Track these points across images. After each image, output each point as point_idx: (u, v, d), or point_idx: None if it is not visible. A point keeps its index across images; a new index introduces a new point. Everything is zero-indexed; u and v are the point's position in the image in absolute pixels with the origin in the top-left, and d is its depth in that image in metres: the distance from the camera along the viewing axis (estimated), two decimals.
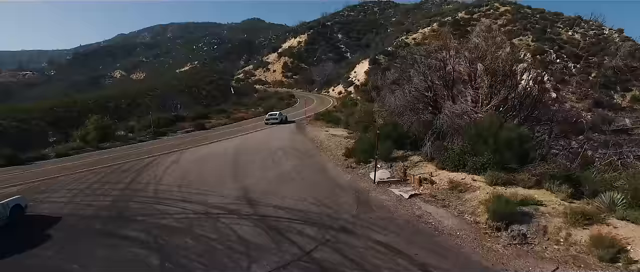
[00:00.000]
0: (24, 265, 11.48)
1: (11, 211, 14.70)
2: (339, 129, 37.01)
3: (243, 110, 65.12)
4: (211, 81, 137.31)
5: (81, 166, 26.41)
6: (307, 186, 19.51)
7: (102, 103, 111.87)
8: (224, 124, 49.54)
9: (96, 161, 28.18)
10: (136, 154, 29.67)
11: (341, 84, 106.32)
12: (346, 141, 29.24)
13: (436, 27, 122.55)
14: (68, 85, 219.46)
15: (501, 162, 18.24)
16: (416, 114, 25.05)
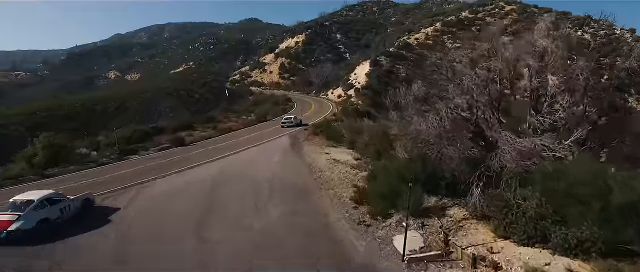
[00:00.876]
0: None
1: (83, 203, 18.84)
2: (343, 151, 29.74)
3: (233, 118, 57.81)
4: (204, 83, 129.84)
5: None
6: (299, 265, 12.39)
7: (89, 106, 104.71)
8: (208, 137, 42.21)
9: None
10: (76, 189, 21.88)
11: (341, 86, 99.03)
12: (354, 173, 22.05)
13: (439, 27, 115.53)
14: (61, 86, 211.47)
15: (614, 240, 11.08)
16: (456, 147, 17.66)
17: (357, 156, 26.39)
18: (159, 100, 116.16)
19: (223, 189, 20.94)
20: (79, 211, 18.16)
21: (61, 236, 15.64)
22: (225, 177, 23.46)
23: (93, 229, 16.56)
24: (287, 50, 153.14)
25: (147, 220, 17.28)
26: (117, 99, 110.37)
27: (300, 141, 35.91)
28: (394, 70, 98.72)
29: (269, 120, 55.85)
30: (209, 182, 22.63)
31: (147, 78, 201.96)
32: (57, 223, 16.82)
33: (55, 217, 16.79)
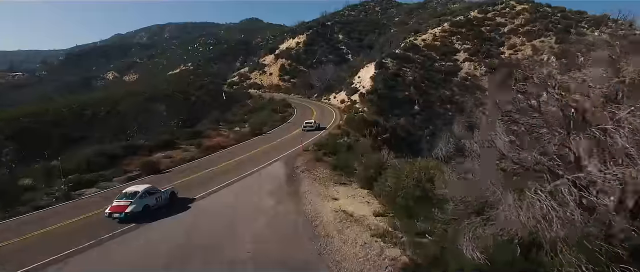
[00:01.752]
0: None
1: (170, 195, 23.29)
2: (355, 192, 21.97)
3: (224, 130, 50.10)
4: (201, 86, 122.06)
5: None
6: None
7: (78, 111, 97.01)
8: (188, 160, 34.52)
9: None
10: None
11: (344, 90, 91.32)
12: (379, 250, 14.22)
13: (447, 27, 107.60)
14: (58, 87, 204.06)
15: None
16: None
17: (379, 207, 18.55)
18: (152, 104, 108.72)
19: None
20: (167, 201, 22.77)
21: (156, 217, 20.46)
22: (182, 255, 15.61)
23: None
24: (287, 51, 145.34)
25: None
26: (109, 103, 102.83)
27: (298, 170, 28.12)
28: (400, 73, 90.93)
29: (265, 134, 48.12)
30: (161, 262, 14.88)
31: (145, 79, 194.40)
32: (154, 208, 21.43)
33: (152, 204, 21.51)
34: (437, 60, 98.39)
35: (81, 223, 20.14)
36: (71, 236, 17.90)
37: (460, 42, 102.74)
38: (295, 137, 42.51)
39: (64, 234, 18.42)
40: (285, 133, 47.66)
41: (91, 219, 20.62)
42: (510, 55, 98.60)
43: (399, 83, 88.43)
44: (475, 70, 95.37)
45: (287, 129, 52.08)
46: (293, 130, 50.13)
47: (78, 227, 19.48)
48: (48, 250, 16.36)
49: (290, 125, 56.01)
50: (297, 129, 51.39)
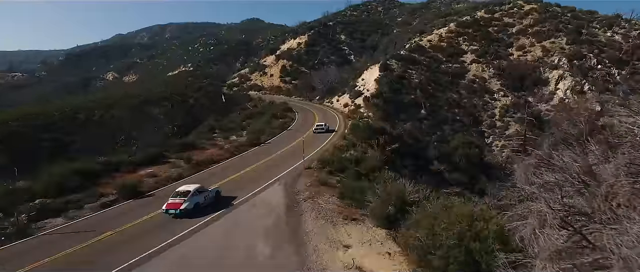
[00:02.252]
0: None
1: (216, 194, 25.25)
2: (371, 234, 17.51)
3: (219, 140, 45.63)
4: (200, 88, 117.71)
5: None
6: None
7: (71, 114, 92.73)
8: (175, 179, 30.12)
9: None
10: None
11: (347, 93, 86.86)
12: None
13: (453, 28, 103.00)
14: (57, 88, 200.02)
15: None
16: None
17: (404, 262, 14.06)
18: (149, 107, 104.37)
19: None
20: (213, 199, 24.82)
21: (204, 213, 22.53)
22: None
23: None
24: (288, 52, 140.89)
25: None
26: (103, 106, 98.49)
27: (300, 197, 23.63)
28: (406, 75, 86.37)
29: (264, 144, 43.66)
30: None
31: (144, 80, 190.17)
32: (203, 206, 23.59)
33: (201, 201, 23.74)
34: (443, 61, 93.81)
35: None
36: None
37: (467, 43, 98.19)
38: (296, 149, 38.01)
39: None
40: (286, 143, 43.18)
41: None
42: (519, 57, 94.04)
43: (405, 86, 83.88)
44: (483, 72, 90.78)
45: (288, 138, 47.65)
46: (294, 140, 45.74)
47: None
48: None
49: (291, 134, 51.61)
50: (298, 138, 46.96)
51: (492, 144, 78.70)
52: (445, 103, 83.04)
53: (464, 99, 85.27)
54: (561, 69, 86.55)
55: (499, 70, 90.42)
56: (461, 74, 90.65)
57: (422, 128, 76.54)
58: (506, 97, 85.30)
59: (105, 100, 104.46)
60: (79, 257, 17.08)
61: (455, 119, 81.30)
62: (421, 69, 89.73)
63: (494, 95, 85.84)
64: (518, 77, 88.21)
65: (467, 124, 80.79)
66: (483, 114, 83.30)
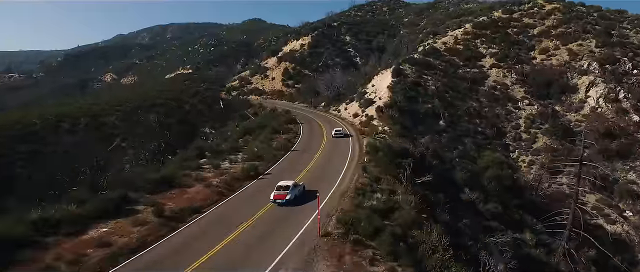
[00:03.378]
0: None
1: (303, 188, 29.07)
2: None
3: (208, 167, 35.77)
4: (196, 92, 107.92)
5: None
6: None
7: (53, 122, 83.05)
8: (134, 250, 20.39)
9: None
10: None
11: (356, 101, 77.10)
12: None
13: (470, 29, 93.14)
14: (53, 89, 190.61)
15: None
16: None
17: None
18: (141, 113, 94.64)
19: None
20: (303, 192, 28.60)
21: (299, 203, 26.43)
22: None
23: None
24: (291, 54, 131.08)
25: None
26: (91, 113, 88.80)
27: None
28: (421, 82, 76.66)
29: (263, 178, 33.78)
30: None
31: (142, 82, 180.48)
32: (297, 197, 27.55)
33: (297, 193, 27.81)
34: (460, 66, 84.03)
35: None
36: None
37: (485, 46, 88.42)
38: (306, 187, 28.69)
39: None
40: (291, 174, 33.39)
41: None
42: (543, 61, 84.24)
43: (420, 93, 74.17)
44: (504, 77, 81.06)
45: (293, 165, 38.03)
46: (302, 166, 36.19)
47: None
48: None
49: (297, 157, 41.96)
50: (306, 163, 37.37)
51: (518, 159, 69.00)
52: (465, 113, 73.35)
53: (485, 108, 75.55)
54: (591, 74, 76.79)
55: (521, 76, 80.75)
56: (480, 80, 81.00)
57: (442, 141, 66.95)
58: (531, 106, 75.63)
59: (95, 105, 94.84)
60: None
61: (477, 130, 71.61)
62: (437, 74, 79.94)
63: (517, 104, 76.24)
64: (543, 83, 78.48)
65: (490, 137, 71.06)
66: (506, 124, 73.57)
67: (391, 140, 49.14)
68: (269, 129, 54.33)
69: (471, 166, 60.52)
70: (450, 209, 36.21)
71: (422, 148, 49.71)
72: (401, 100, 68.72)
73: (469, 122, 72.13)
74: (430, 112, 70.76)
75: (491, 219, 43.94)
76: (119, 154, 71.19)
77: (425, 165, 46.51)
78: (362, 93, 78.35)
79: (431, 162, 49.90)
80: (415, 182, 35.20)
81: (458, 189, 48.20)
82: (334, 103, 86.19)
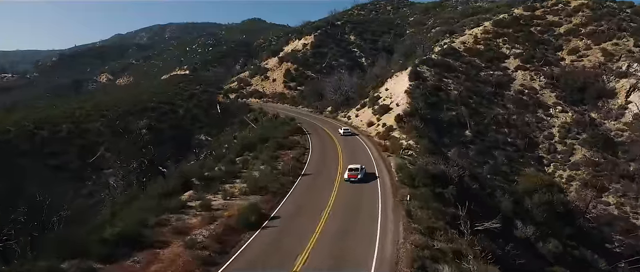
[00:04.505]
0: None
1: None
2: None
3: (194, 209, 25.79)
4: (192, 95, 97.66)
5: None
6: None
7: (30, 130, 72.66)
8: None
9: None
10: None
11: (369, 106, 67.24)
12: None
13: (490, 28, 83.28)
14: (46, 90, 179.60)
15: None
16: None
17: None
18: (130, 118, 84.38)
19: None
20: (366, 173, 32.73)
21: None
22: None
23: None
24: (293, 54, 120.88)
25: None
26: (75, 118, 78.55)
27: None
28: (442, 86, 66.83)
29: (265, 230, 23.38)
30: None
31: (138, 83, 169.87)
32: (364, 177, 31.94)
33: (363, 175, 32.14)
34: (483, 68, 74.19)
35: None
36: None
37: (508, 46, 78.62)
38: (327, 251, 18.76)
39: None
40: (304, 223, 23.40)
41: None
42: (573, 62, 74.57)
43: (442, 99, 64.35)
44: (532, 81, 71.30)
45: (308, 201, 28.08)
46: (320, 204, 26.38)
47: None
48: None
49: (309, 185, 32.19)
50: (325, 199, 27.52)
51: (555, 174, 59.24)
52: (492, 121, 63.52)
53: (513, 115, 65.79)
54: (632, 76, 67.04)
55: (551, 79, 70.97)
56: (506, 84, 71.23)
57: (470, 155, 57.16)
58: (565, 113, 65.92)
59: (81, 109, 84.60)
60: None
61: (507, 141, 61.84)
62: (458, 77, 70.11)
63: (549, 111, 66.60)
64: (576, 87, 68.80)
65: (522, 149, 61.35)
66: (538, 134, 63.82)
67: (422, 159, 39.19)
68: (272, 144, 44.27)
69: (508, 186, 50.96)
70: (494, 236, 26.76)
71: (458, 169, 39.79)
72: (422, 107, 58.87)
73: (497, 132, 62.40)
74: (455, 120, 60.99)
75: (554, 263, 34.09)
76: (100, 178, 61.46)
77: (465, 189, 36.74)
78: (375, 98, 68.49)
79: (470, 186, 40.15)
80: (475, 228, 25.28)
81: (504, 218, 38.35)
82: (343, 108, 76.28)
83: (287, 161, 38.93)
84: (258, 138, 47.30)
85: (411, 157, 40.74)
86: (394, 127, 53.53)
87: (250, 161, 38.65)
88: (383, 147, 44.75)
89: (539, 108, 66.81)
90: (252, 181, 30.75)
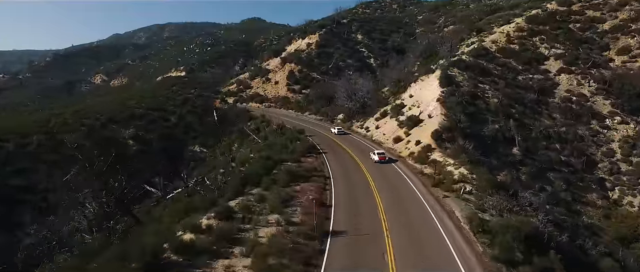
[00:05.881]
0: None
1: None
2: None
3: None
4: (186, 100, 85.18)
5: None
6: None
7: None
8: None
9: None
10: None
11: (392, 116, 55.15)
12: None
13: (524, 25, 71.22)
14: (37, 91, 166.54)
15: None
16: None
17: None
18: (115, 126, 71.93)
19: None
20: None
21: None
22: None
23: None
24: (296, 54, 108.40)
25: None
26: (49, 128, 66.16)
27: None
28: (478, 92, 54.72)
29: None
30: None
31: (132, 84, 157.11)
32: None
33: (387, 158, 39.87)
34: (520, 71, 62.16)
35: None
36: None
37: (547, 45, 66.55)
38: None
39: None
40: None
41: None
42: (625, 63, 62.64)
43: (480, 108, 52.26)
44: (580, 86, 59.24)
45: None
46: None
47: None
48: None
49: (347, 252, 20.45)
50: None
51: (623, 201, 47.39)
52: (540, 135, 51.47)
53: (562, 127, 53.70)
54: None
55: (603, 84, 58.88)
56: (549, 89, 59.11)
57: (522, 179, 45.20)
58: (625, 125, 53.88)
59: (58, 116, 72.18)
60: None
61: (560, 159, 49.79)
62: (495, 82, 58.03)
63: (605, 122, 54.53)
64: (634, 93, 56.74)
65: (579, 169, 49.35)
66: (595, 150, 51.78)
67: (492, 201, 27.28)
68: (282, 175, 32.13)
69: (587, 221, 39.19)
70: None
71: (547, 221, 27.89)
72: (463, 120, 46.81)
73: (547, 148, 50.42)
74: (500, 135, 48.93)
75: None
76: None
77: (558, 247, 24.71)
78: (398, 106, 56.39)
79: (557, 238, 28.09)
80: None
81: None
82: (358, 116, 64.14)
83: (307, 203, 26.83)
84: (262, 165, 35.07)
85: (473, 196, 28.75)
86: (433, 147, 41.46)
87: (253, 206, 26.46)
88: (431, 180, 32.57)
89: (593, 118, 54.81)
90: (260, 256, 18.65)
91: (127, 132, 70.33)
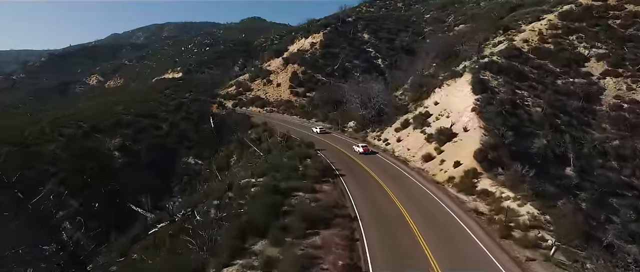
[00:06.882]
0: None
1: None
2: None
3: None
4: (180, 105, 75.89)
5: None
6: None
7: None
8: None
9: None
10: None
11: (416, 127, 46.18)
12: None
13: (558, 22, 62.22)
14: (30, 92, 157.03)
15: None
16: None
17: None
18: (99, 136, 62.83)
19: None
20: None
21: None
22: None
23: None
24: (300, 54, 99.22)
25: None
26: (23, 138, 56.97)
27: None
28: (517, 100, 45.75)
29: None
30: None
31: (127, 85, 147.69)
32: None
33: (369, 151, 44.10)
34: (559, 74, 53.16)
35: None
36: None
37: (586, 44, 57.57)
38: None
39: None
40: None
41: None
42: None
43: (522, 119, 43.29)
44: (631, 91, 50.26)
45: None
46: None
47: None
48: None
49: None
50: None
51: None
52: (594, 151, 42.58)
53: (615, 140, 44.82)
54: None
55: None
56: (594, 95, 50.14)
57: (582, 208, 36.31)
58: None
59: (34, 124, 63.06)
60: None
61: (621, 181, 40.96)
62: (534, 87, 49.09)
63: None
64: None
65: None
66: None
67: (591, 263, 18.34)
68: (295, 221, 23.21)
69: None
70: None
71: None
72: (506, 134, 37.83)
73: (602, 167, 41.59)
74: (548, 152, 40.04)
75: None
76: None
77: None
78: (423, 115, 47.43)
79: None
80: None
81: None
82: (373, 125, 55.12)
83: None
84: (268, 201, 26.03)
85: (565, 255, 19.81)
86: (479, 171, 32.45)
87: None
88: (493, 225, 23.57)
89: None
90: None
91: (112, 142, 61.20)
